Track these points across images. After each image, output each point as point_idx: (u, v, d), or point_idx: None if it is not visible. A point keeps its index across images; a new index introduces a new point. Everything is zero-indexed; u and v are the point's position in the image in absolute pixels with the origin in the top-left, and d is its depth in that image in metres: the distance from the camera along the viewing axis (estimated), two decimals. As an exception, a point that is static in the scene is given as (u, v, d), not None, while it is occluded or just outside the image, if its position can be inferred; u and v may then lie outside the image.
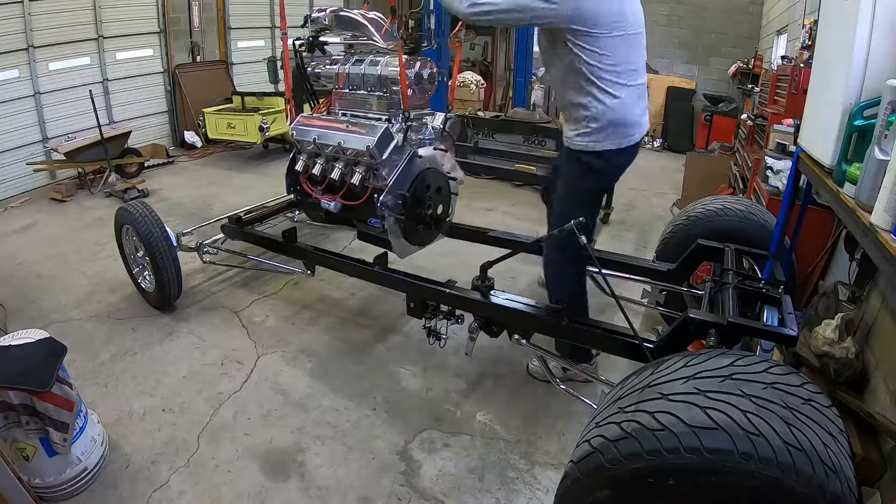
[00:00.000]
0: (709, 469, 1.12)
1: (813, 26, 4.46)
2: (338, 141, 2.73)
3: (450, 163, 2.99)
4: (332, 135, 2.79)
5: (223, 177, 6.33)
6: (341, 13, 3.02)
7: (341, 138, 2.72)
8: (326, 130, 2.83)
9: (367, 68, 2.83)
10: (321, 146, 2.83)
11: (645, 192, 6.09)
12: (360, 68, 2.85)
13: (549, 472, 2.17)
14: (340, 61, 2.98)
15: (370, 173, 2.73)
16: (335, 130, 2.80)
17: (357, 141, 2.67)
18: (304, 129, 2.91)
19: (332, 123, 2.87)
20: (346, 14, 3.00)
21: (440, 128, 2.85)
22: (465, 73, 8.47)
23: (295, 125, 2.97)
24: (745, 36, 8.46)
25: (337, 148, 2.74)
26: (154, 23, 6.92)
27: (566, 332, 2.22)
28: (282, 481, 2.12)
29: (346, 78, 2.92)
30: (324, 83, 3.11)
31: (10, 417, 1.88)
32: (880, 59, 1.60)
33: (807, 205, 2.42)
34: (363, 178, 2.71)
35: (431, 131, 2.82)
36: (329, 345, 3.02)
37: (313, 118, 2.98)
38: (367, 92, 2.87)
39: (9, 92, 5.46)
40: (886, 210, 1.29)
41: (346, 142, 2.70)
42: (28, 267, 3.94)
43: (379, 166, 2.66)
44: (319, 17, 3.06)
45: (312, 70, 3.09)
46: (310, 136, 2.86)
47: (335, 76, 2.97)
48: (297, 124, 2.96)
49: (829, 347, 1.97)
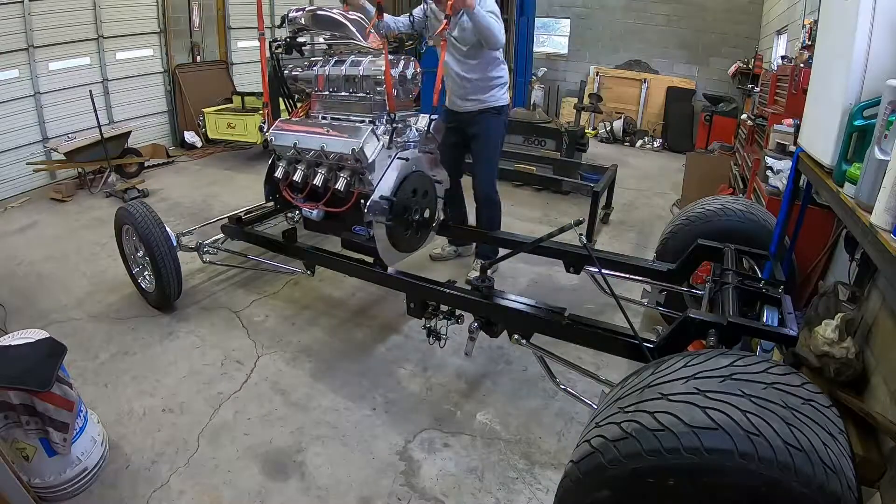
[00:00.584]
0: (709, 469, 1.12)
1: (813, 26, 4.46)
2: (320, 145, 2.63)
3: (435, 165, 2.94)
4: (313, 139, 2.69)
5: (223, 177, 6.33)
6: (319, 13, 2.90)
7: (324, 142, 2.63)
8: (307, 135, 2.74)
9: (348, 69, 2.73)
10: (302, 151, 2.74)
11: (645, 192, 6.09)
12: (341, 69, 2.76)
13: (549, 472, 2.17)
14: (320, 63, 2.89)
15: (355, 178, 2.64)
16: (316, 134, 2.70)
17: (341, 144, 2.58)
18: (283, 134, 2.82)
19: (313, 128, 2.77)
20: (325, 13, 2.89)
21: (424, 129, 2.78)
22: (465, 73, 8.45)
23: (273, 131, 2.87)
24: (745, 36, 8.46)
25: (319, 153, 2.65)
26: (154, 23, 6.92)
27: (566, 332, 2.23)
28: (282, 481, 2.12)
29: (326, 80, 2.83)
30: (302, 86, 3.02)
31: (10, 417, 1.88)
32: (880, 59, 1.60)
33: (807, 205, 2.43)
34: (348, 183, 2.62)
35: (416, 133, 2.75)
36: (329, 345, 3.02)
37: (292, 123, 2.89)
38: (349, 93, 2.77)
39: (9, 92, 5.45)
40: (886, 210, 1.29)
41: (329, 146, 2.61)
42: (28, 267, 3.94)
43: (365, 170, 2.57)
44: (297, 17, 2.95)
45: (290, 73, 3.00)
46: (289, 141, 2.77)
47: (314, 78, 2.87)
48: (276, 130, 2.87)
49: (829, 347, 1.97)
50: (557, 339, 2.33)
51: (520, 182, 5.85)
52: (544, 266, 3.82)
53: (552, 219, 5.08)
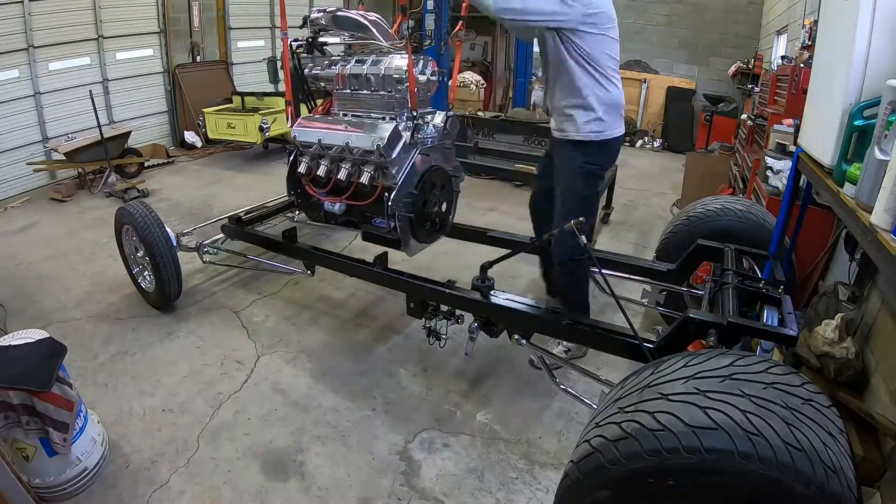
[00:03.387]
0: (709, 469, 1.12)
1: (813, 26, 4.46)
2: (345, 141, 2.70)
3: (453, 161, 3.00)
4: (337, 135, 2.76)
5: (223, 177, 6.33)
6: (340, 14, 3.01)
7: (348, 138, 2.69)
8: (331, 131, 2.81)
9: (370, 68, 2.80)
10: (325, 147, 2.80)
11: (645, 192, 6.09)
12: (362, 68, 2.82)
13: (549, 472, 2.17)
14: (340, 62, 2.96)
15: (378, 172, 2.70)
16: (340, 131, 2.77)
17: (365, 140, 2.64)
18: (307, 130, 2.88)
19: (335, 124, 2.85)
20: (346, 14, 2.99)
21: (441, 126, 2.84)
22: (465, 73, 8.47)
23: (296, 127, 2.94)
24: (745, 36, 8.46)
25: (343, 148, 2.71)
26: (154, 23, 6.92)
27: (566, 332, 2.23)
28: (282, 481, 2.12)
29: (347, 78, 2.90)
30: (322, 84, 3.08)
31: (10, 417, 1.88)
32: (880, 59, 1.60)
33: (807, 205, 2.42)
34: (371, 177, 2.69)
35: (434, 130, 2.80)
36: (329, 345, 3.02)
37: (315, 120, 2.96)
38: (371, 92, 2.84)
39: (9, 92, 5.46)
40: (886, 210, 1.29)
41: (353, 141, 2.67)
42: (28, 267, 3.94)
43: (388, 165, 2.63)
44: (318, 18, 3.04)
45: (311, 71, 3.06)
46: (313, 137, 2.83)
47: (335, 77, 2.94)
48: (299, 126, 2.93)
49: (829, 347, 1.97)
50: (557, 339, 2.33)
51: (520, 182, 5.85)
52: (544, 266, 3.82)
53: (552, 219, 5.07)
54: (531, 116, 6.36)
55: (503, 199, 5.61)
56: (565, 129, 2.45)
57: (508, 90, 9.08)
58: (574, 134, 2.41)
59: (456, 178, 3.03)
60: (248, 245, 3.45)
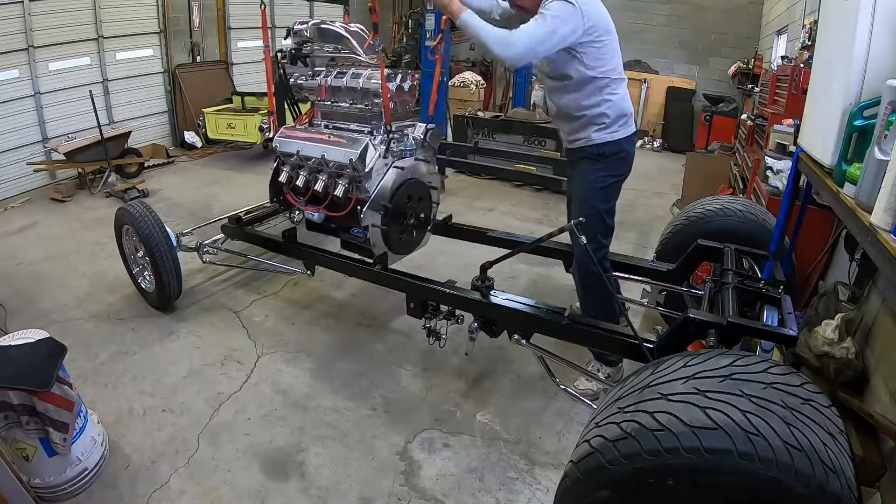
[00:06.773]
0: (708, 469, 1.12)
1: (813, 26, 4.46)
2: (321, 153, 2.75)
3: (431, 173, 3.02)
4: (314, 147, 2.81)
5: (223, 177, 6.33)
6: (323, 26, 3.04)
7: (324, 151, 2.75)
8: (309, 143, 2.85)
9: (348, 81, 2.86)
10: (304, 158, 2.86)
11: (645, 192, 6.09)
12: (341, 81, 2.89)
13: (549, 472, 2.17)
14: (322, 74, 3.01)
15: (353, 185, 2.75)
16: (318, 143, 2.82)
17: (340, 154, 2.69)
18: (287, 141, 2.94)
19: (315, 136, 2.88)
20: (328, 27, 3.02)
21: (421, 138, 2.88)
22: (465, 74, 8.47)
23: (278, 137, 2.99)
24: (745, 36, 8.46)
25: (320, 160, 2.77)
26: (154, 23, 6.92)
27: (566, 332, 2.22)
28: (282, 481, 2.12)
29: (327, 90, 2.96)
30: (306, 95, 3.14)
31: (10, 417, 1.88)
32: (880, 59, 1.60)
33: (807, 205, 2.42)
34: (346, 189, 2.74)
35: (413, 142, 2.84)
36: (329, 345, 3.02)
37: (296, 130, 3.00)
38: (349, 104, 2.90)
39: (9, 92, 5.46)
40: (886, 210, 1.29)
41: (328, 154, 2.73)
42: (28, 267, 3.94)
43: (362, 178, 2.68)
44: (301, 30, 3.08)
45: (295, 82, 3.11)
46: (293, 148, 2.89)
47: (317, 88, 3.00)
48: (280, 136, 2.99)
49: (829, 347, 1.97)
50: (557, 339, 2.33)
51: (520, 182, 5.85)
52: (544, 266, 3.82)
53: (552, 219, 5.07)
54: (531, 116, 6.35)
55: (503, 199, 5.61)
56: (577, 138, 2.43)
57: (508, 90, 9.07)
58: (586, 142, 2.39)
59: (435, 190, 3.07)
60: (248, 245, 3.44)
